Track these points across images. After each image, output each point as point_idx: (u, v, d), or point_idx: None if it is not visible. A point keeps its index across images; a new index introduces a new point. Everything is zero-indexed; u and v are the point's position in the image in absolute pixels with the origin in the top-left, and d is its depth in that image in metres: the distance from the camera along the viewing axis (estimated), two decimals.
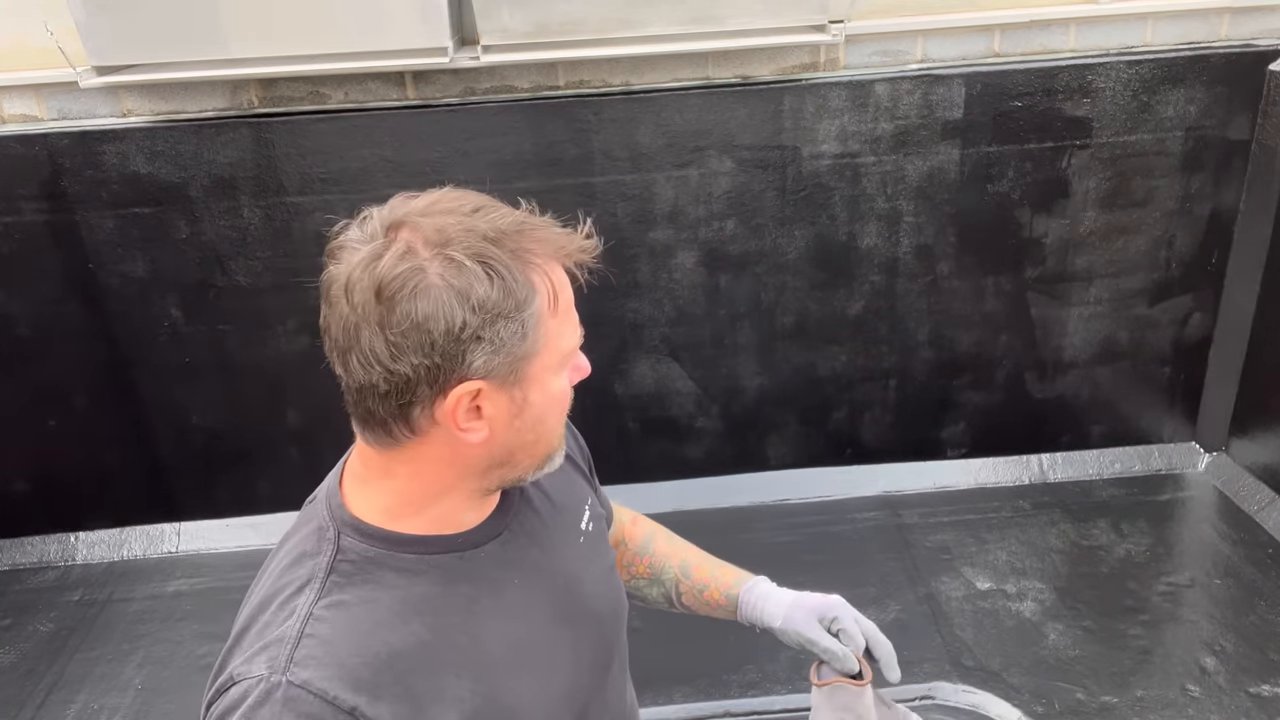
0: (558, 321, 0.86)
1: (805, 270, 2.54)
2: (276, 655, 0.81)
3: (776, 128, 2.38)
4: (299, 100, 2.34)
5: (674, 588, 1.27)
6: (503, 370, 0.83)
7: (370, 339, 0.80)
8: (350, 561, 0.87)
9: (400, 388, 0.81)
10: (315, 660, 0.80)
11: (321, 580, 0.86)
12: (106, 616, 2.46)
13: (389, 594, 0.86)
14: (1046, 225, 2.53)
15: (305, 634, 0.82)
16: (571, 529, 1.06)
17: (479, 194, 0.87)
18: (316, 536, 0.90)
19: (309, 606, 0.84)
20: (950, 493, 2.72)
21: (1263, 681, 2.04)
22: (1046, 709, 2.01)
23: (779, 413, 2.71)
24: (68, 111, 2.34)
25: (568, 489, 1.09)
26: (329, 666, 0.80)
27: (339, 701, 0.79)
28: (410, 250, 0.80)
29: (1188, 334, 2.69)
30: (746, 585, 1.23)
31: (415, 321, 0.78)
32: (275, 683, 0.79)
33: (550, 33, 2.17)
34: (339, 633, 0.83)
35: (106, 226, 2.38)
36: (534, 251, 0.83)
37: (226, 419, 2.61)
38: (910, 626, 2.24)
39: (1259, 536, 2.48)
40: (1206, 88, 2.41)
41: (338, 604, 0.84)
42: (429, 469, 0.88)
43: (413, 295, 0.78)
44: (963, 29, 2.37)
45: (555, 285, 0.85)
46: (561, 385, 0.90)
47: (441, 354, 0.80)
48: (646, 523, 1.34)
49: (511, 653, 0.92)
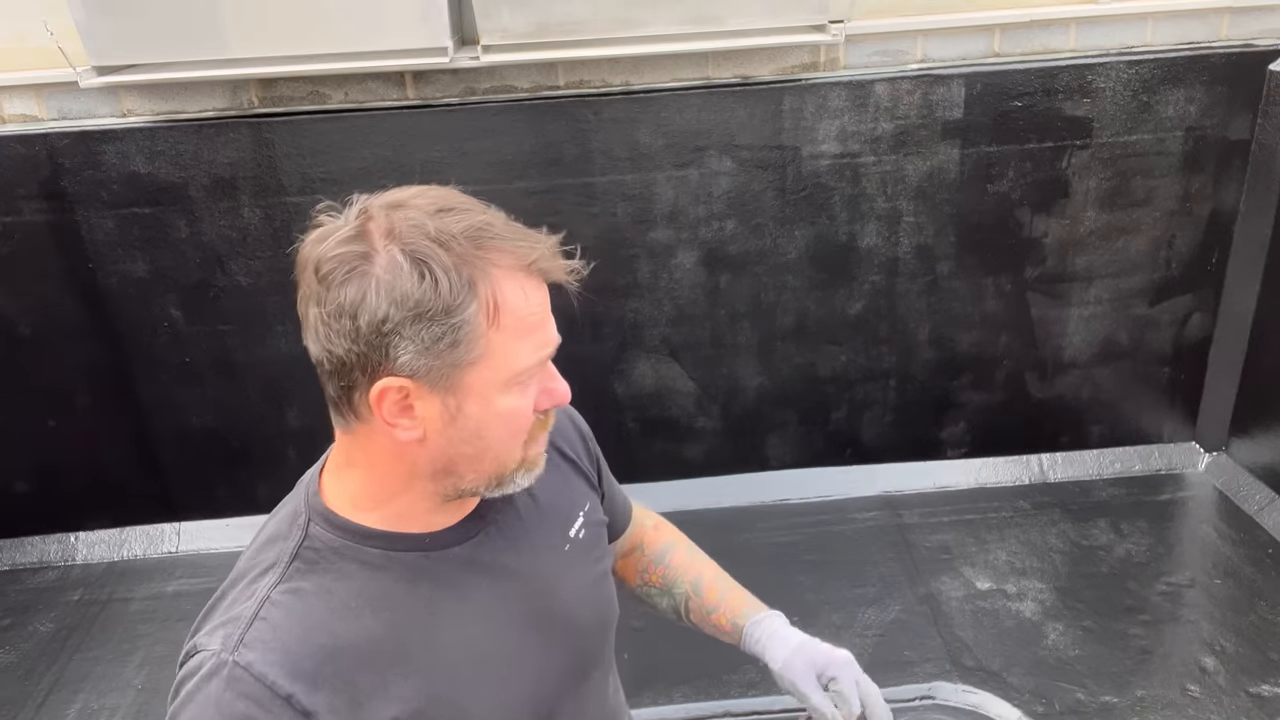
0: (503, 336, 0.83)
1: (805, 270, 2.54)
2: (230, 634, 0.84)
3: (776, 128, 2.38)
4: (299, 100, 2.34)
5: (684, 603, 1.25)
6: (433, 374, 0.82)
7: (315, 316, 0.83)
8: (314, 549, 0.89)
9: (339, 369, 0.84)
10: (262, 644, 0.83)
11: (284, 566, 0.88)
12: (106, 616, 2.46)
13: (346, 585, 0.88)
14: (1046, 225, 2.53)
15: (259, 617, 0.85)
16: (557, 534, 1.04)
17: (464, 196, 0.86)
18: (289, 521, 0.92)
19: (268, 590, 0.87)
20: (950, 493, 2.73)
21: (1263, 681, 2.04)
22: (1046, 709, 2.01)
23: (779, 413, 2.71)
24: (68, 111, 2.34)
25: (562, 493, 1.08)
26: (274, 652, 0.83)
27: (276, 687, 0.82)
28: (361, 237, 0.81)
29: (1188, 334, 2.69)
30: (755, 619, 1.21)
31: (342, 306, 0.80)
32: (223, 660, 0.82)
33: (550, 33, 2.17)
34: (290, 620, 0.85)
35: (106, 226, 2.38)
36: (489, 260, 0.82)
37: (226, 419, 2.61)
38: (910, 626, 2.24)
39: (1259, 536, 2.48)
40: (1206, 88, 2.41)
41: (295, 591, 0.87)
42: (380, 462, 0.89)
43: (344, 281, 0.80)
44: (963, 29, 2.37)
45: (499, 298, 0.82)
46: (512, 404, 0.86)
47: (366, 343, 0.81)
48: (669, 531, 1.32)
49: (470, 655, 0.92)
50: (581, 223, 2.43)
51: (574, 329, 2.53)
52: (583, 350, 2.56)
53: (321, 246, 0.83)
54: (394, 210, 0.83)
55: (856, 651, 2.22)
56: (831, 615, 2.29)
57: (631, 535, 1.30)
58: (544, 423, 0.92)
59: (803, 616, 2.29)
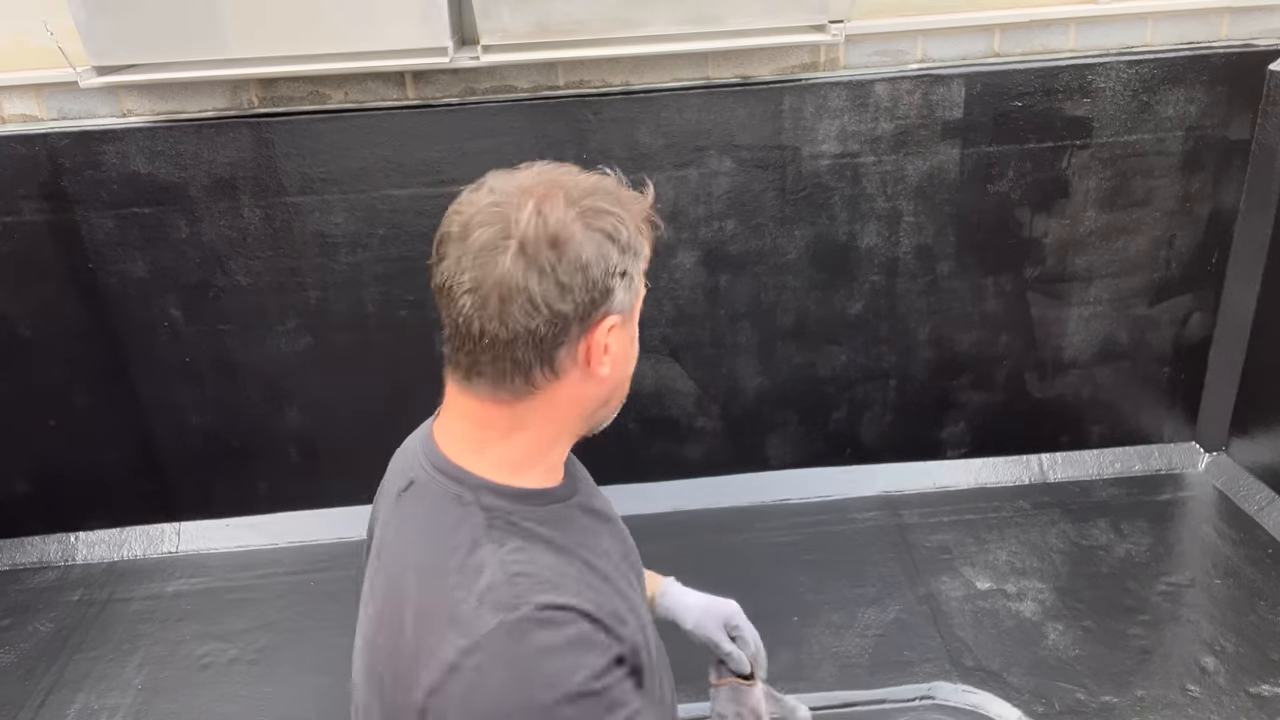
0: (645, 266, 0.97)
1: (805, 270, 2.54)
2: (500, 599, 0.84)
3: (776, 128, 2.38)
4: (299, 100, 2.34)
5: None
6: (627, 306, 0.95)
7: (541, 284, 0.87)
8: (500, 517, 0.92)
9: (559, 329, 0.89)
10: (539, 587, 0.85)
11: (484, 536, 0.89)
12: (106, 616, 2.46)
13: (537, 539, 0.92)
14: (1046, 225, 2.53)
15: (512, 574, 0.86)
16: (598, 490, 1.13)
17: (564, 164, 0.98)
18: (456, 504, 0.93)
19: (497, 556, 0.88)
20: (950, 493, 2.73)
21: (1263, 681, 2.04)
22: (1046, 709, 2.01)
23: (779, 413, 2.71)
24: (68, 111, 2.34)
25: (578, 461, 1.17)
26: (553, 587, 0.86)
27: (578, 607, 0.85)
28: (560, 206, 0.90)
29: (1188, 334, 2.69)
30: (660, 589, 1.34)
31: (584, 263, 0.88)
32: (520, 617, 0.83)
33: (550, 33, 2.17)
34: (536, 567, 0.88)
35: (106, 226, 2.38)
36: (626, 209, 0.94)
37: (226, 419, 2.61)
38: (910, 626, 2.24)
39: (1259, 536, 2.48)
40: (1206, 88, 2.41)
41: (518, 549, 0.89)
42: (556, 416, 0.95)
43: (580, 242, 0.88)
44: (963, 29, 2.37)
45: (648, 237, 0.97)
46: (635, 329, 1.01)
47: (601, 290, 0.90)
48: None
49: (619, 587, 0.99)
50: None
51: None
52: None
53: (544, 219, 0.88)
54: (552, 185, 0.92)
55: (856, 651, 2.24)
56: (831, 615, 2.29)
57: None
58: None
59: (802, 616, 2.29)
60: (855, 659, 2.15)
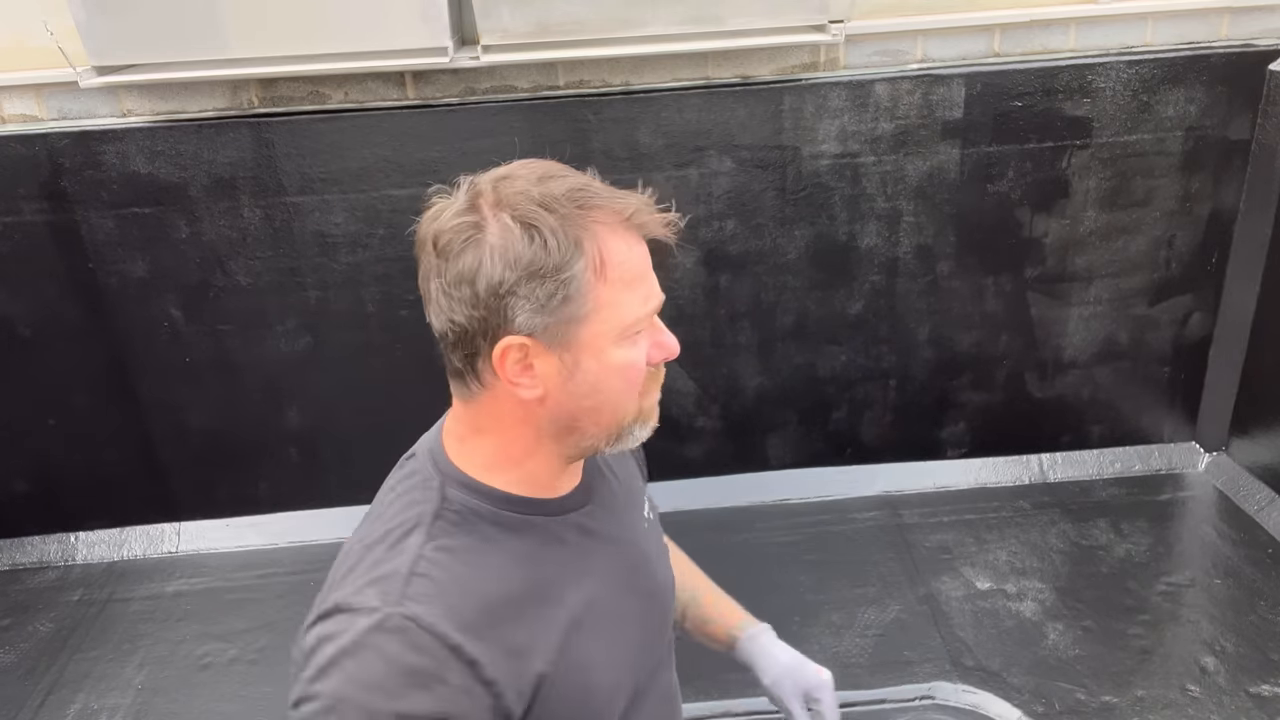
0: (611, 289, 0.87)
1: (805, 270, 2.54)
2: (388, 589, 0.85)
3: (776, 128, 2.38)
4: (299, 100, 2.34)
5: (682, 611, 1.29)
6: (549, 331, 0.87)
7: (436, 290, 0.88)
8: (455, 511, 0.92)
9: (462, 338, 0.88)
10: (426, 597, 0.85)
11: (429, 525, 0.90)
12: (106, 616, 2.46)
13: (491, 545, 0.91)
14: (1046, 225, 2.53)
15: (415, 572, 0.86)
16: (637, 512, 1.11)
17: (562, 165, 0.92)
18: (422, 487, 0.94)
19: (419, 548, 0.88)
20: (950, 493, 2.73)
21: (1263, 681, 2.04)
22: (1046, 709, 2.01)
23: (779, 413, 2.71)
24: (68, 111, 2.34)
25: (634, 477, 1.16)
26: (438, 605, 0.85)
27: (445, 638, 0.84)
28: (472, 209, 0.86)
29: (1188, 334, 2.69)
30: (749, 632, 1.28)
31: (461, 274, 0.85)
32: (388, 613, 0.83)
33: (550, 33, 2.17)
34: (448, 575, 0.87)
35: (106, 226, 2.38)
36: (591, 218, 0.86)
37: (226, 419, 2.61)
38: (910, 626, 2.24)
39: (1259, 536, 2.48)
40: (1206, 88, 2.41)
41: (446, 548, 0.89)
42: (508, 426, 0.93)
43: (460, 251, 0.85)
44: (963, 29, 2.37)
45: (604, 253, 0.86)
46: (625, 357, 0.90)
47: (485, 307, 0.85)
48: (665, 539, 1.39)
49: (591, 617, 0.96)
50: None
51: None
52: None
53: (437, 222, 0.87)
54: (500, 182, 0.88)
55: (856, 651, 2.23)
56: (831, 615, 2.29)
57: None
58: (656, 375, 0.95)
59: (802, 616, 2.29)
60: (855, 659, 2.15)
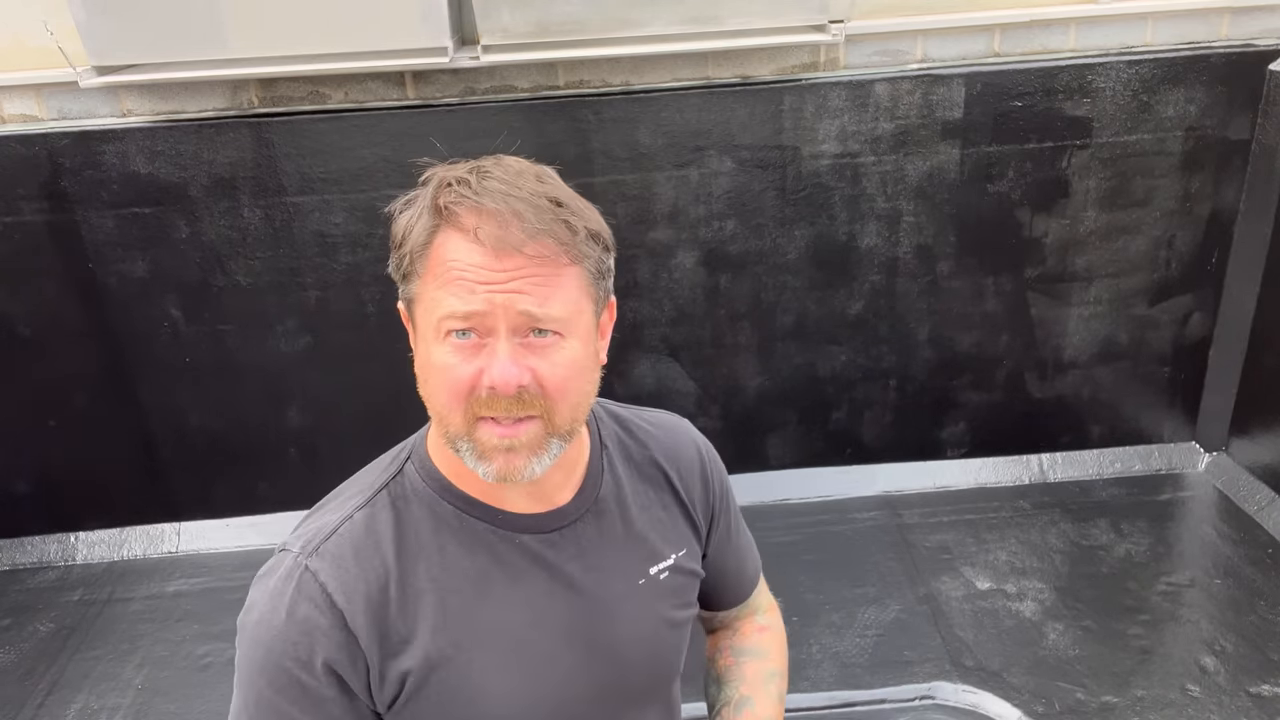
0: (434, 282, 0.89)
1: (805, 270, 2.54)
2: (310, 540, 0.93)
3: (776, 128, 2.38)
4: (299, 100, 2.34)
5: (721, 707, 1.18)
6: (404, 297, 0.94)
7: None
8: (401, 487, 0.97)
9: None
10: (333, 556, 0.92)
11: (372, 494, 0.96)
12: (106, 616, 2.46)
13: (415, 530, 0.95)
14: (1046, 225, 2.53)
15: (338, 531, 0.93)
16: (636, 565, 1.03)
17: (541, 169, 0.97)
18: (391, 458, 1.02)
19: (353, 509, 0.95)
20: (950, 493, 2.73)
21: (1263, 681, 2.04)
22: (1046, 709, 2.01)
23: (779, 413, 2.71)
24: (68, 111, 2.34)
25: (658, 528, 1.06)
26: (338, 569, 0.91)
27: (334, 597, 0.90)
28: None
29: (1188, 334, 2.69)
30: None
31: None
32: (299, 563, 0.91)
33: (550, 33, 2.17)
34: (359, 543, 0.93)
35: (106, 226, 2.38)
36: (456, 214, 0.89)
37: (226, 419, 2.61)
38: (910, 626, 2.24)
39: (1259, 536, 2.48)
40: (1206, 88, 2.41)
41: (372, 518, 0.95)
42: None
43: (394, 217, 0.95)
44: (963, 29, 2.37)
45: (444, 247, 0.89)
46: (442, 358, 0.89)
47: (392, 265, 0.95)
48: (770, 642, 1.25)
49: (502, 639, 0.94)
50: None
51: None
52: None
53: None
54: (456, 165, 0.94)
55: (856, 651, 2.24)
56: (831, 615, 2.29)
57: (738, 615, 1.25)
58: (489, 404, 0.87)
59: (802, 616, 2.29)
60: (855, 659, 2.15)
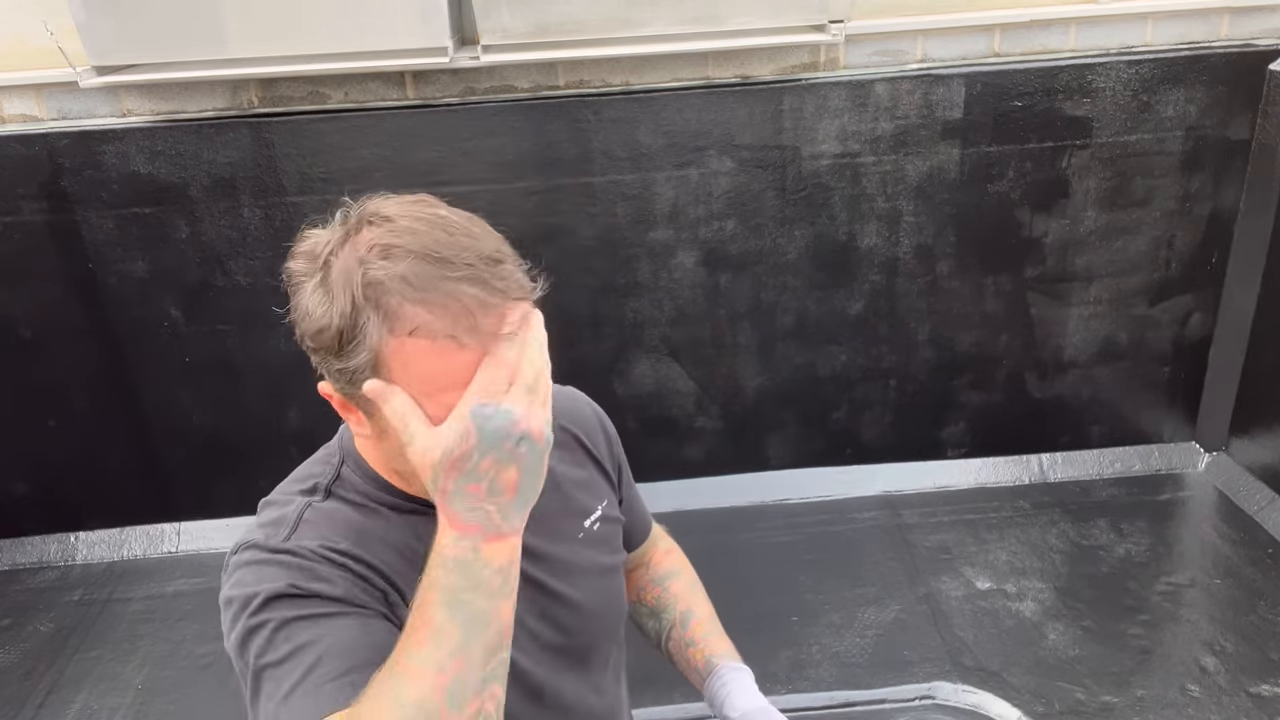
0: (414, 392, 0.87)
1: (805, 270, 2.54)
2: (274, 532, 0.97)
3: (776, 128, 2.38)
4: (299, 100, 2.34)
5: (668, 630, 1.28)
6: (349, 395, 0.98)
7: None
8: (344, 487, 1.02)
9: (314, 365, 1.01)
10: (310, 529, 0.97)
11: (321, 494, 1.01)
12: (106, 616, 2.46)
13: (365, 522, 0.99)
14: (1046, 225, 2.53)
15: (303, 519, 0.98)
16: (573, 521, 1.10)
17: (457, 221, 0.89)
18: (324, 460, 1.06)
19: (304, 506, 1.00)
20: (950, 493, 2.73)
21: (1263, 681, 2.04)
22: (1046, 709, 2.01)
23: (779, 413, 2.71)
24: (68, 111, 2.34)
25: (582, 485, 1.14)
26: (319, 536, 0.96)
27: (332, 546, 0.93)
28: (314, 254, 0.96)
29: (1188, 334, 2.69)
30: (728, 664, 1.22)
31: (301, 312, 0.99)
32: (274, 547, 0.94)
33: (550, 33, 2.17)
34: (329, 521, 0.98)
35: (106, 226, 2.38)
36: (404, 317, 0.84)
37: (226, 419, 2.60)
38: (910, 626, 2.24)
39: (1259, 536, 2.48)
40: (1206, 88, 2.41)
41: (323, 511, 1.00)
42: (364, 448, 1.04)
43: (292, 291, 0.98)
44: (963, 29, 2.37)
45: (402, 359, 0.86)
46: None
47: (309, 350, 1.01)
48: (677, 559, 1.36)
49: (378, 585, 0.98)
50: (581, 223, 2.42)
51: (574, 329, 2.53)
52: (583, 350, 2.56)
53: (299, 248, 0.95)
54: (364, 230, 0.90)
55: (856, 651, 2.23)
56: (831, 615, 2.29)
57: (643, 552, 1.33)
58: None
59: (802, 616, 2.29)
60: (855, 659, 2.15)
